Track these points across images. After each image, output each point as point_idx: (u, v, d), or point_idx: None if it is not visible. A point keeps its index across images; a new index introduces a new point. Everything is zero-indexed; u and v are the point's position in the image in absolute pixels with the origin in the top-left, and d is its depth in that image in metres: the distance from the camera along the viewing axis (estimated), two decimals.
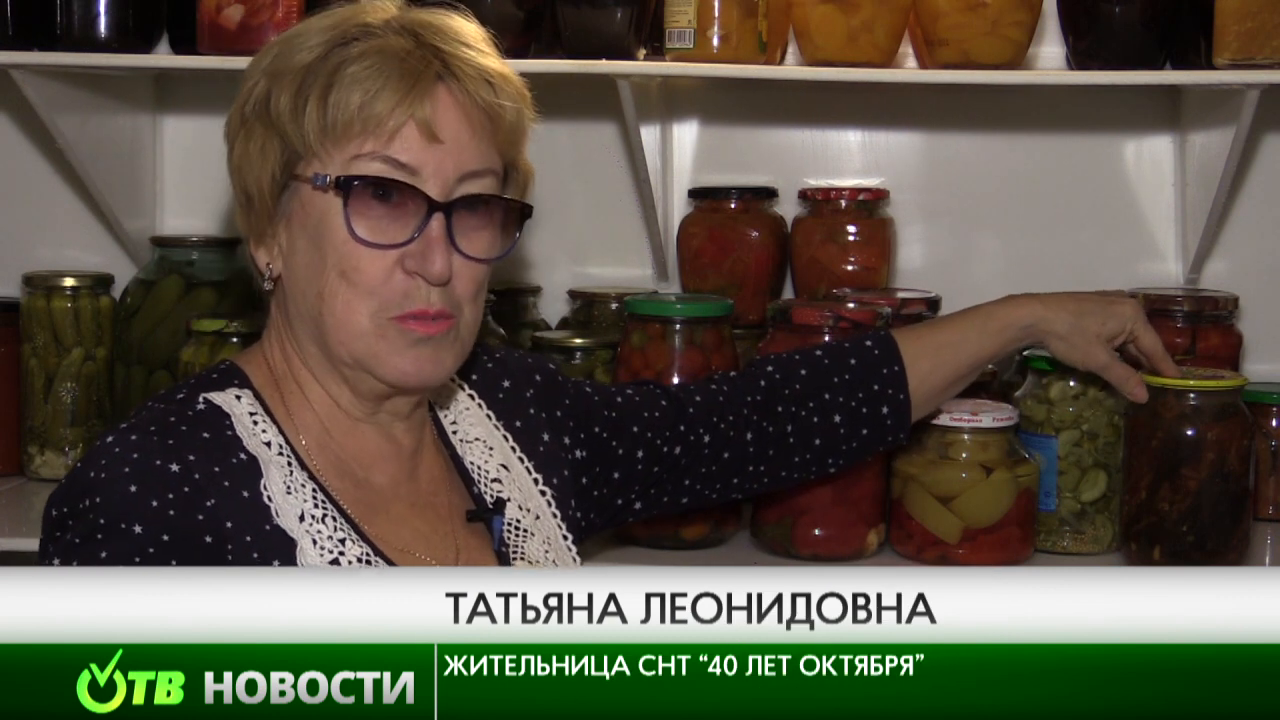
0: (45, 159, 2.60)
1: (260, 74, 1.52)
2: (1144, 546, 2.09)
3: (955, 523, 2.10)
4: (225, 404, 1.50)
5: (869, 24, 2.18)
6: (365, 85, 1.47)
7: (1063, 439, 2.16)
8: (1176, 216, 2.49)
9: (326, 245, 1.49)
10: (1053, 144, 2.52)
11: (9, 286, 2.55)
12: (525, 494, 1.68)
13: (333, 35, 1.50)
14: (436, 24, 1.53)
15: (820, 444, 1.89)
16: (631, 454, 1.80)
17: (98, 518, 1.40)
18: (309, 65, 1.49)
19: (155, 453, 1.42)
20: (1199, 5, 2.14)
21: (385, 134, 1.48)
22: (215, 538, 1.42)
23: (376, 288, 1.49)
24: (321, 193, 1.49)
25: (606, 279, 2.57)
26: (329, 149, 1.48)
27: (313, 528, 1.48)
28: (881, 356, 1.90)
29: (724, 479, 1.87)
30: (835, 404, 1.88)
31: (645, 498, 1.84)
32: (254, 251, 1.56)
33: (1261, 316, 2.43)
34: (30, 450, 2.45)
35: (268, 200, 1.51)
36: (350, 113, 1.47)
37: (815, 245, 2.39)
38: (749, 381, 1.88)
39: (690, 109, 2.55)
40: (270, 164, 1.50)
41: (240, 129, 1.53)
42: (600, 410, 1.79)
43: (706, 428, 1.84)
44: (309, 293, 1.51)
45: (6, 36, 2.26)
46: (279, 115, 1.49)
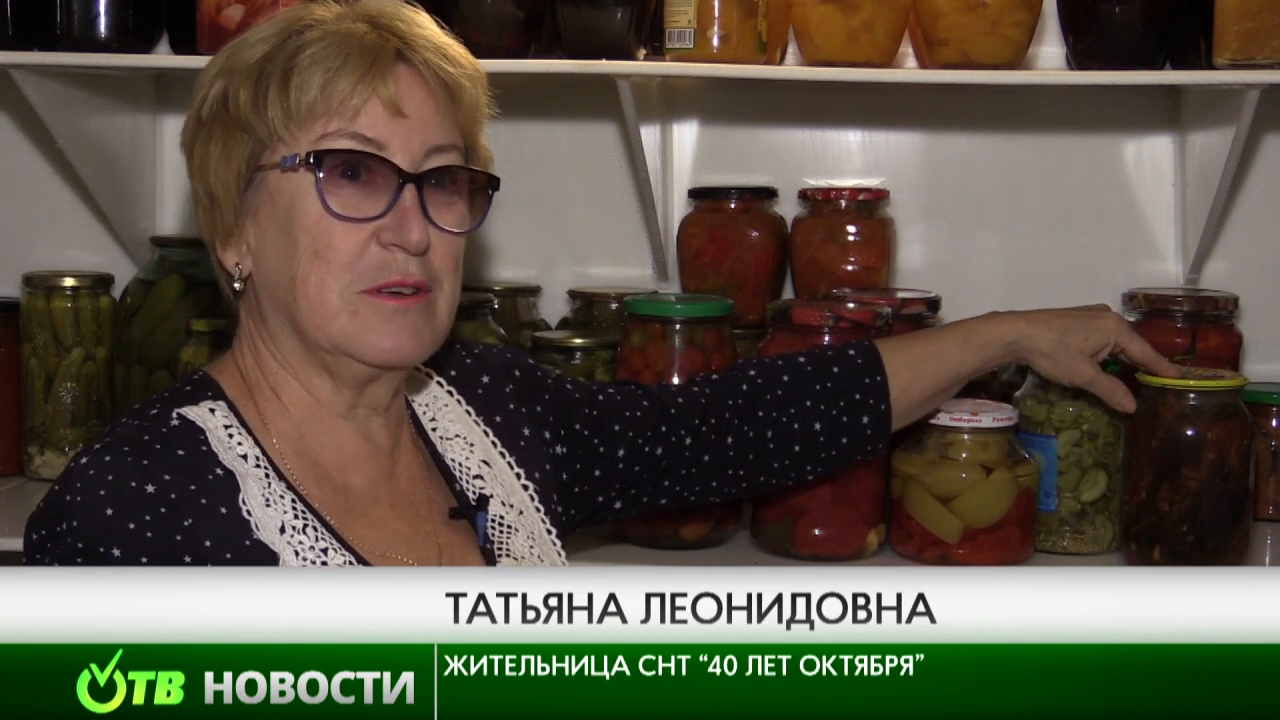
0: (45, 159, 2.60)
1: (212, 78, 1.52)
2: (1144, 546, 2.09)
3: (955, 523, 2.10)
4: (199, 419, 1.49)
5: (869, 24, 2.18)
6: (325, 65, 1.47)
7: (1063, 439, 2.16)
8: (1176, 216, 2.49)
9: (298, 227, 1.48)
10: (1053, 144, 2.52)
11: (9, 286, 2.55)
12: (508, 489, 1.68)
13: (283, 28, 1.51)
14: (388, 10, 1.54)
15: (800, 450, 1.89)
16: (612, 452, 1.80)
17: (76, 541, 1.39)
18: (265, 56, 1.49)
19: (130, 474, 1.41)
20: (1199, 5, 2.14)
21: (350, 111, 1.48)
22: (194, 557, 1.41)
23: (351, 263, 1.48)
24: (291, 174, 1.48)
25: (606, 279, 2.57)
26: (294, 133, 1.48)
27: (294, 539, 1.46)
28: (864, 366, 1.90)
29: (703, 481, 1.87)
30: (816, 411, 1.88)
31: (625, 497, 1.84)
32: (221, 254, 1.55)
33: (1261, 316, 2.43)
34: (30, 450, 2.45)
35: (234, 198, 1.51)
36: (313, 94, 1.47)
37: (815, 245, 2.39)
38: (731, 385, 1.89)
39: (690, 109, 2.55)
40: (235, 161, 1.50)
41: (198, 132, 1.53)
42: (581, 407, 1.80)
43: (688, 430, 1.84)
44: (281, 281, 1.50)
45: (6, 36, 2.26)
46: (240, 110, 1.48)
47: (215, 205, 1.53)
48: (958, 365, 1.94)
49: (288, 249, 1.49)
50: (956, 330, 1.97)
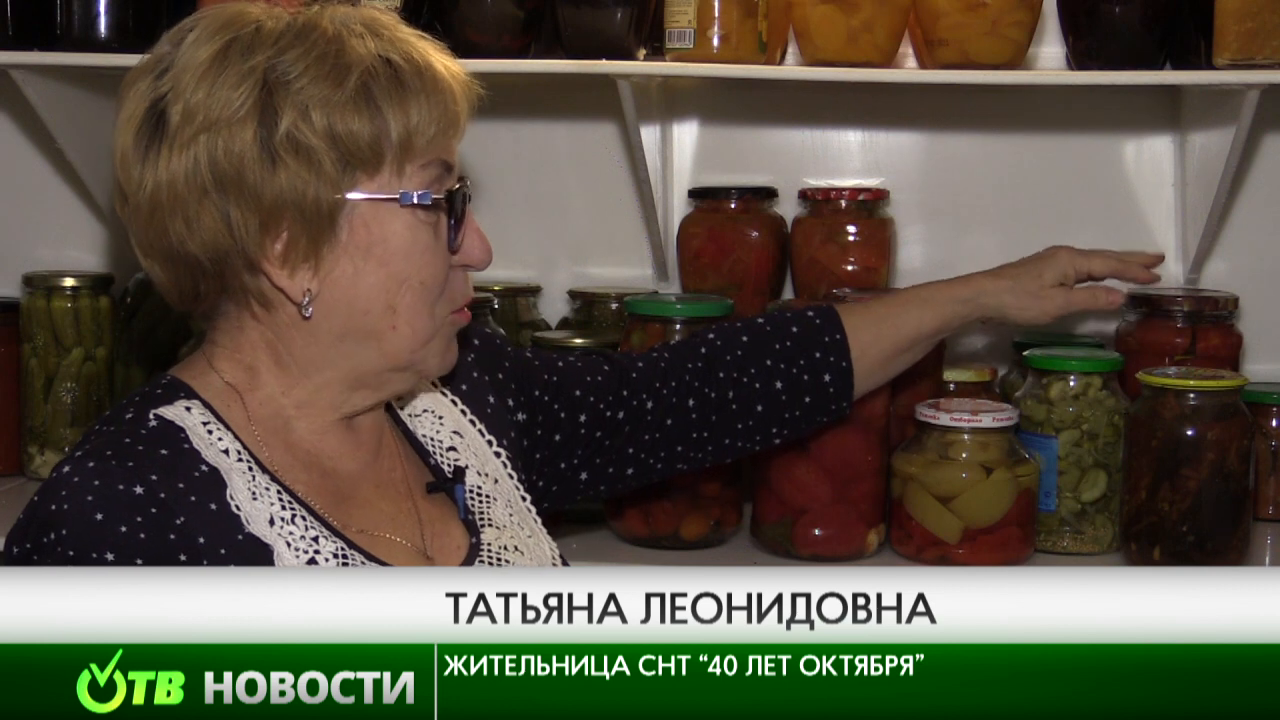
0: (45, 159, 2.60)
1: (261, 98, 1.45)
2: (1144, 546, 2.09)
3: (955, 523, 2.10)
4: (177, 417, 1.47)
5: (869, 24, 2.18)
6: (439, 114, 1.48)
7: (1063, 439, 2.16)
8: (1176, 216, 2.49)
9: (401, 260, 1.48)
10: (1053, 144, 2.52)
11: (9, 286, 2.55)
12: (481, 458, 1.68)
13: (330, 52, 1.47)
14: (406, 33, 1.53)
15: (763, 410, 1.89)
16: (574, 417, 1.81)
17: (66, 550, 1.37)
18: (362, 84, 1.46)
19: (116, 477, 1.39)
20: (1199, 5, 2.14)
21: (445, 148, 1.52)
22: (190, 555, 1.40)
23: (444, 289, 1.53)
24: (406, 210, 1.48)
25: (606, 279, 2.57)
26: (397, 167, 1.48)
27: (284, 530, 1.46)
28: (823, 325, 1.90)
29: (668, 447, 1.87)
30: (777, 370, 1.88)
31: (590, 466, 1.83)
32: (285, 280, 1.48)
33: (1261, 316, 2.43)
34: (30, 450, 2.45)
35: (326, 222, 1.46)
36: (429, 136, 1.48)
37: (815, 245, 2.39)
38: (690, 349, 1.89)
39: (690, 109, 2.55)
40: (317, 186, 1.45)
41: (265, 157, 1.45)
42: (540, 374, 1.81)
43: (649, 393, 1.85)
44: (373, 309, 1.49)
45: (6, 36, 2.26)
46: (352, 137, 1.45)
47: (300, 226, 1.46)
48: (917, 324, 1.93)
49: (385, 279, 1.49)
50: (917, 290, 1.97)
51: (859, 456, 2.12)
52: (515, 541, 1.64)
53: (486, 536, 1.62)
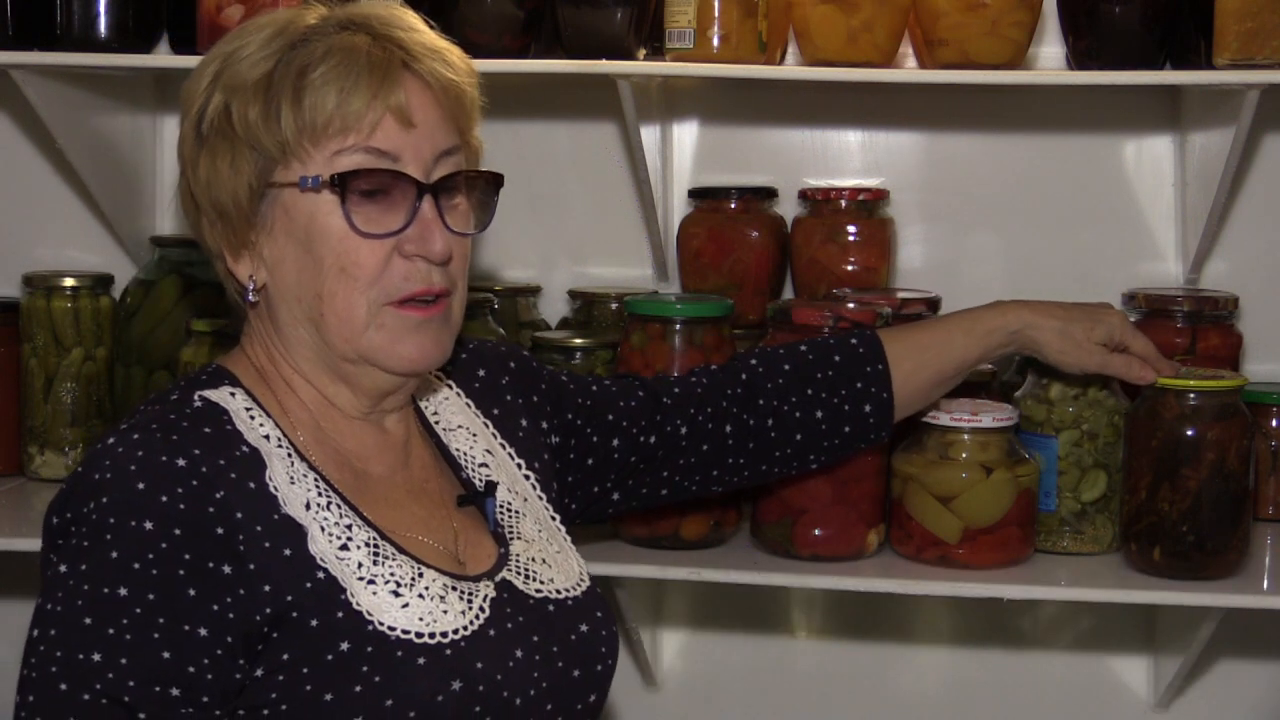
0: (45, 159, 2.60)
1: (208, 90, 1.53)
2: (1144, 546, 2.09)
3: (955, 523, 2.10)
4: (221, 400, 1.52)
5: (869, 24, 2.18)
6: (339, 84, 1.49)
7: (1063, 439, 2.16)
8: (1176, 216, 2.49)
9: (321, 245, 1.51)
10: (1053, 144, 2.52)
11: (9, 286, 2.55)
12: (511, 479, 1.70)
13: (280, 42, 1.52)
14: (380, 14, 1.56)
15: (801, 439, 1.89)
16: (606, 441, 1.81)
17: (106, 517, 1.40)
18: (269, 74, 1.50)
19: (160, 449, 1.43)
20: (1199, 5, 2.14)
21: (365, 127, 1.50)
22: (226, 529, 1.43)
23: (377, 277, 1.51)
24: (311, 194, 1.50)
25: (606, 279, 2.57)
26: (308, 150, 1.50)
27: (319, 515, 1.49)
28: (866, 354, 1.91)
29: (703, 471, 1.87)
30: (818, 399, 1.89)
31: (623, 488, 1.85)
32: (232, 265, 1.56)
33: (1261, 316, 2.43)
34: (30, 450, 2.45)
35: (246, 211, 1.52)
36: (328, 112, 1.49)
37: (815, 245, 2.39)
38: (730, 375, 1.90)
39: (690, 109, 2.55)
40: (245, 175, 1.51)
41: (200, 147, 1.53)
42: (575, 397, 1.81)
43: (683, 419, 1.85)
44: (305, 296, 1.53)
45: (6, 36, 2.26)
46: (249, 128, 1.49)
47: (224, 218, 1.54)
48: (962, 354, 1.94)
49: (310, 265, 1.51)
50: (960, 319, 1.97)
51: (859, 456, 2.12)
52: (544, 555, 1.65)
53: (515, 549, 1.64)
